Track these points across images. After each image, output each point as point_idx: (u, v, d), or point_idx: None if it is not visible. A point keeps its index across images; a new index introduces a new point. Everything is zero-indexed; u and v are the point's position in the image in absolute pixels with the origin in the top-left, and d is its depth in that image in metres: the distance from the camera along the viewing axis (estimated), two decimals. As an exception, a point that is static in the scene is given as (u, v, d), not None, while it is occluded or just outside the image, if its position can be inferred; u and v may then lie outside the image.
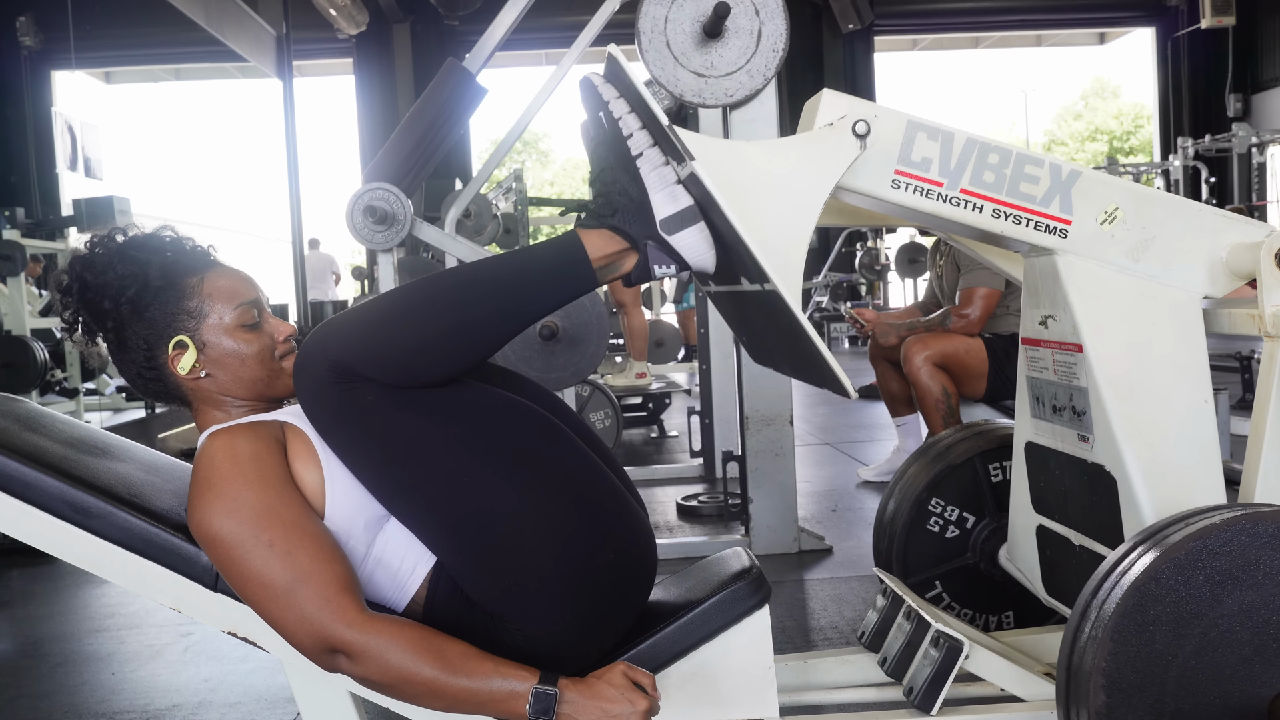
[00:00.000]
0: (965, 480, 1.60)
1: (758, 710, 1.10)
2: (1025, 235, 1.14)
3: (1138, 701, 0.91)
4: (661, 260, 1.01)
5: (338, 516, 0.99)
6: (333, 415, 0.96)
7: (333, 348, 0.94)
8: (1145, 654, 0.91)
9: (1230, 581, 0.92)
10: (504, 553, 0.97)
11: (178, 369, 1.04)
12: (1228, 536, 0.92)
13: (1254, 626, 0.92)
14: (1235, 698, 0.90)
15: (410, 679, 0.91)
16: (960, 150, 1.12)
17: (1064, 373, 1.23)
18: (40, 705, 1.79)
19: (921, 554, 1.59)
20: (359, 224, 2.35)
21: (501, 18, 2.38)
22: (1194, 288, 1.16)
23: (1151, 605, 0.92)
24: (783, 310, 1.01)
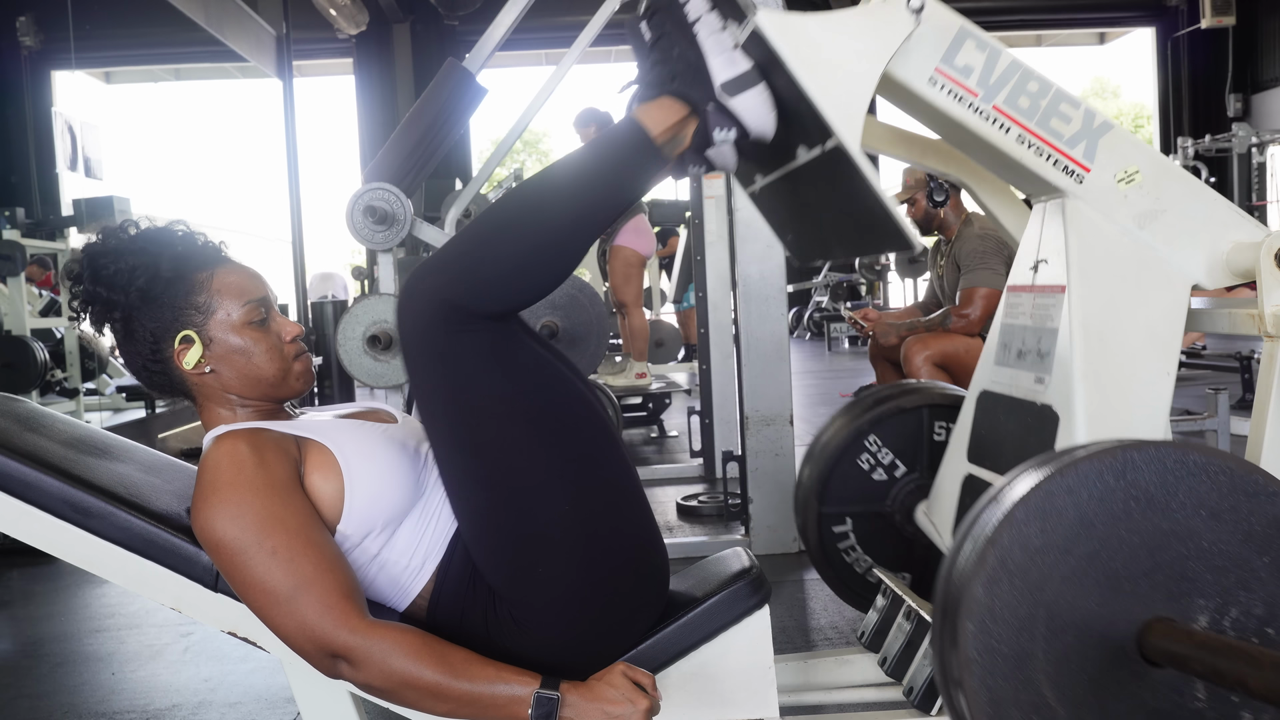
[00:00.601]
0: (909, 428, 1.57)
1: (758, 710, 1.10)
2: (1042, 169, 1.13)
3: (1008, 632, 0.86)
4: (722, 124, 1.01)
5: (354, 522, 0.99)
6: (435, 357, 0.95)
7: (439, 285, 0.94)
8: (1020, 578, 0.86)
9: (1106, 512, 0.88)
10: (534, 543, 0.98)
11: (183, 364, 1.03)
12: (1118, 463, 0.88)
13: (1128, 554, 0.88)
14: (1106, 625, 0.86)
15: (412, 684, 0.91)
16: (1003, 68, 1.12)
17: (1040, 315, 1.22)
18: (40, 705, 1.79)
19: (844, 486, 1.57)
20: (359, 224, 2.35)
21: (501, 18, 2.38)
22: (1189, 272, 1.15)
23: (1026, 528, 0.87)
24: (843, 169, 1.00)
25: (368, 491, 0.99)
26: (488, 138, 16.47)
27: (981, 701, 0.84)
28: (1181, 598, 0.86)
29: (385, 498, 1.00)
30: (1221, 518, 0.87)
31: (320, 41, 9.61)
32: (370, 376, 2.40)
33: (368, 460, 1.00)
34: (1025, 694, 0.84)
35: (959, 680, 0.85)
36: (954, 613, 0.86)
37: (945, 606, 0.89)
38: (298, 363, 1.08)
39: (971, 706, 0.84)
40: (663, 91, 1.02)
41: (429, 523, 1.04)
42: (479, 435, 0.97)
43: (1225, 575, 0.87)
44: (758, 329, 2.52)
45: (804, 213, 1.23)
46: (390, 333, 2.37)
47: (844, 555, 1.59)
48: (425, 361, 0.96)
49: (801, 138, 1.05)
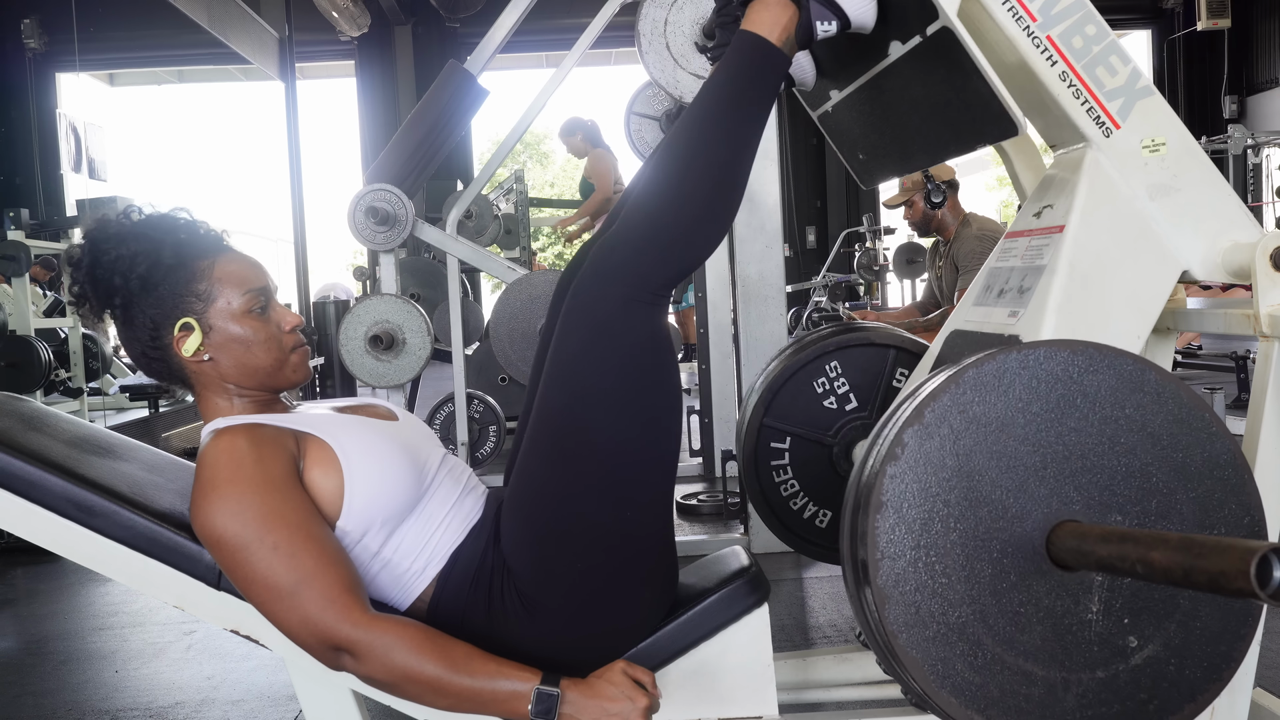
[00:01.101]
0: (873, 364, 1.51)
1: (757, 708, 1.10)
2: (1075, 112, 1.14)
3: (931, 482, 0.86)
4: (824, 15, 1.05)
5: (354, 518, 0.99)
6: (599, 328, 0.98)
7: (628, 257, 0.98)
8: (949, 443, 0.86)
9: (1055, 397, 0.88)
10: (578, 536, 1.01)
11: (182, 351, 1.03)
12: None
13: (1061, 451, 0.87)
14: (1020, 513, 0.86)
15: (414, 677, 0.91)
16: (1067, 3, 1.13)
17: (1031, 255, 1.22)
18: (44, 703, 1.80)
19: (791, 403, 1.51)
20: (361, 224, 2.36)
21: (502, 20, 2.39)
22: (1183, 258, 1.16)
23: (971, 393, 0.87)
24: (942, 57, 1.02)
25: (367, 487, 1.00)
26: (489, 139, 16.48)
27: (882, 548, 0.85)
28: (1100, 510, 0.87)
29: (385, 494, 1.01)
30: (1160, 443, 0.88)
31: (322, 44, 9.61)
32: (372, 376, 2.41)
33: (367, 456, 1.01)
34: (928, 557, 0.85)
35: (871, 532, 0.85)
36: (869, 491, 0.87)
37: (859, 495, 0.89)
38: (296, 354, 1.08)
39: (873, 554, 0.85)
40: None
41: (433, 530, 1.04)
42: (591, 414, 1.00)
43: (1148, 500, 0.88)
44: (757, 329, 2.52)
45: (885, 121, 1.23)
46: (392, 332, 2.37)
47: (774, 474, 1.54)
48: (589, 332, 0.99)
49: (898, 30, 1.07)
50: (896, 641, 0.85)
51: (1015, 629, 0.86)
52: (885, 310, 5.97)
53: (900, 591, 0.85)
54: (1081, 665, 0.87)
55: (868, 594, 0.88)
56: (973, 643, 0.86)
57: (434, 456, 1.09)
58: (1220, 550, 0.65)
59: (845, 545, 0.95)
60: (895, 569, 0.85)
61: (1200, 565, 0.66)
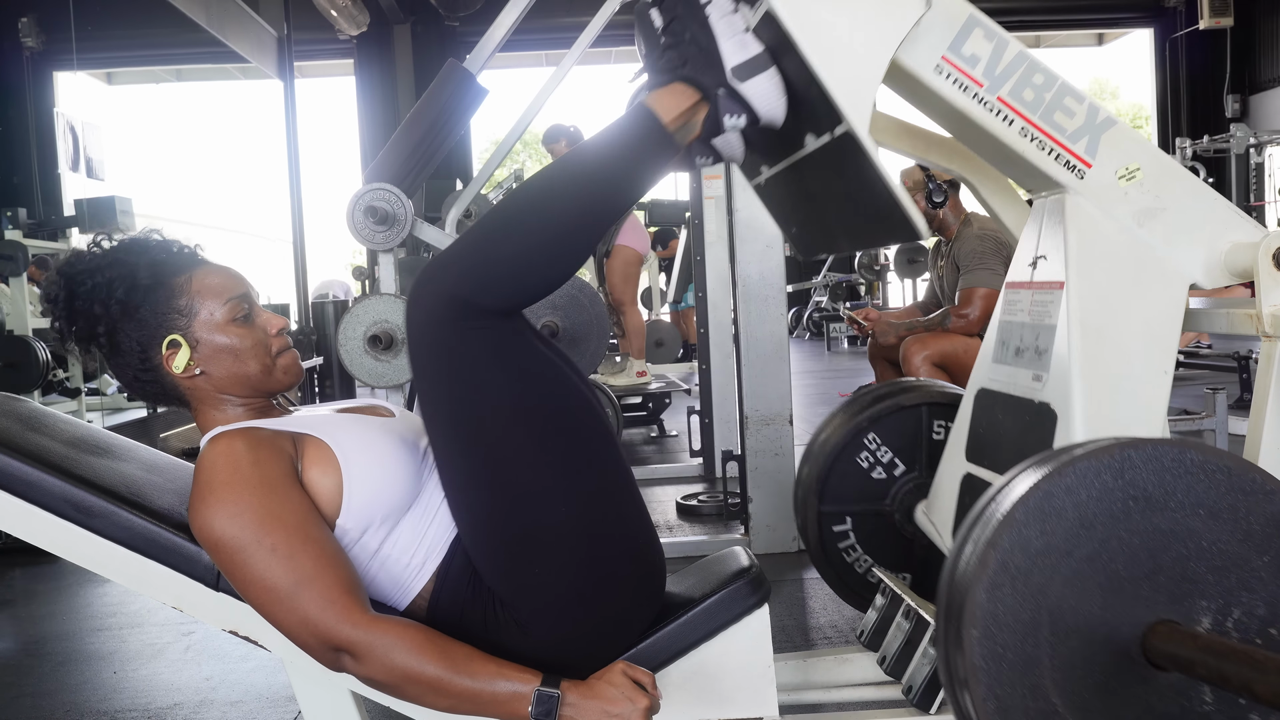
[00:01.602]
0: (908, 426, 1.56)
1: (757, 709, 1.10)
2: (1043, 163, 1.13)
3: (1011, 631, 0.85)
4: (733, 110, 1.01)
5: (354, 516, 0.99)
6: (442, 353, 0.95)
7: (449, 281, 0.94)
8: (1022, 582, 0.86)
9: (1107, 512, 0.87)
10: (533, 543, 0.98)
11: (172, 368, 1.04)
12: (1116, 461, 0.87)
13: (1129, 555, 0.87)
14: (1110, 629, 0.86)
15: (414, 678, 0.91)
16: (1010, 60, 1.11)
17: (1038, 312, 1.22)
18: (42, 704, 1.80)
19: (843, 485, 1.56)
20: (360, 224, 2.35)
21: (502, 19, 2.38)
22: (1187, 271, 1.16)
23: (1031, 527, 0.86)
24: (851, 157, 1.00)
25: (366, 485, 0.99)
26: (488, 138, 16.48)
27: (989, 709, 0.83)
28: (1184, 599, 0.86)
29: (384, 491, 1.00)
30: (1220, 517, 0.87)
31: (321, 42, 9.61)
32: (371, 376, 2.40)
33: (366, 454, 1.01)
34: (1032, 700, 0.84)
35: (966, 684, 0.84)
36: (958, 619, 0.86)
37: (949, 612, 0.88)
38: (285, 356, 1.08)
39: (979, 713, 0.83)
40: (674, 78, 1.01)
41: (430, 522, 1.04)
42: (483, 436, 0.97)
43: (1226, 576, 0.86)
44: (757, 329, 2.52)
45: (810, 204, 1.23)
46: (391, 332, 2.37)
47: (844, 555, 1.59)
48: (433, 359, 0.96)
49: (810, 125, 1.06)
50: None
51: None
52: (886, 310, 5.98)
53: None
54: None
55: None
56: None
57: (426, 444, 1.08)
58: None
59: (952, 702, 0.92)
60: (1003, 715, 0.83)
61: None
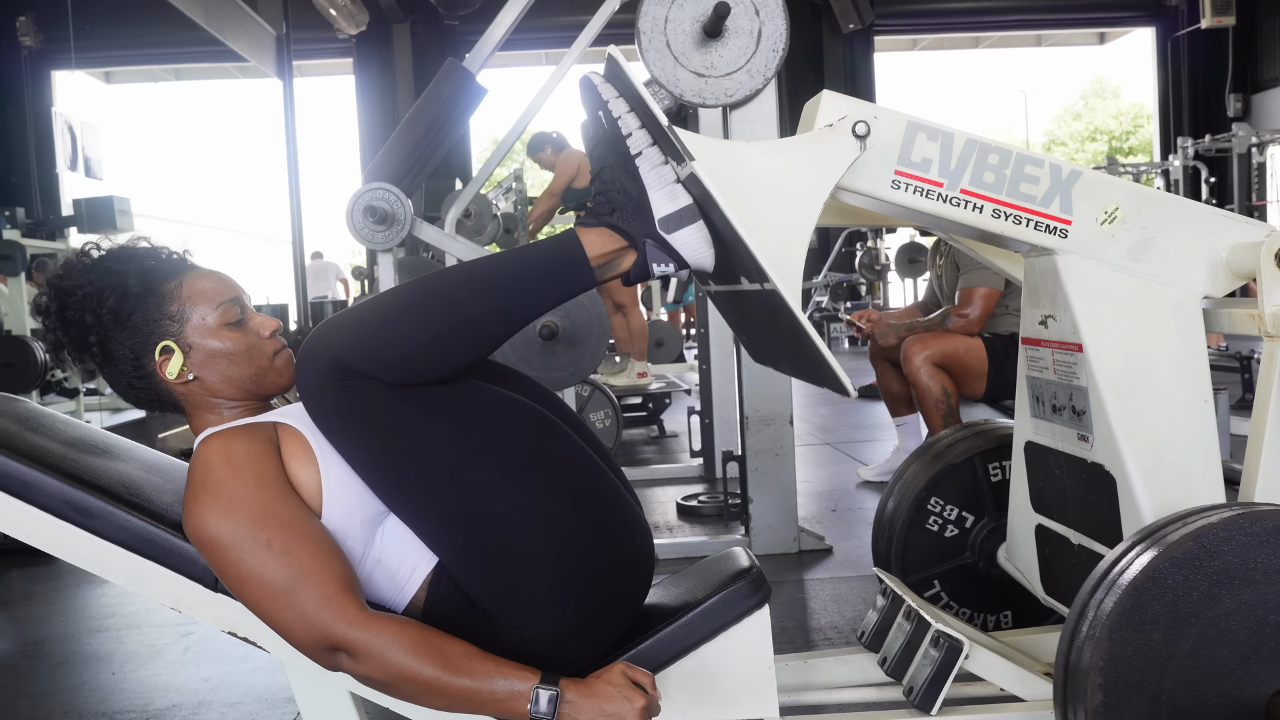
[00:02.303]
0: (964, 479, 1.60)
1: (758, 710, 1.10)
2: (1025, 235, 1.14)
3: (1135, 701, 0.91)
4: (660, 259, 1.01)
5: (335, 515, 0.99)
6: (334, 412, 0.96)
7: (333, 345, 0.95)
8: (1142, 653, 0.91)
9: (1228, 580, 0.93)
10: (503, 553, 0.97)
11: (166, 374, 1.03)
12: (1225, 535, 0.92)
13: (1251, 625, 0.92)
14: (1233, 697, 0.90)
15: (411, 677, 0.91)
16: (960, 150, 1.12)
17: (1064, 372, 1.23)
18: (40, 705, 1.79)
19: (921, 553, 1.60)
20: (359, 224, 2.35)
21: (501, 18, 2.38)
22: (1194, 287, 1.16)
23: (1149, 604, 0.92)
24: (782, 310, 1.01)
25: (345, 478, 0.99)
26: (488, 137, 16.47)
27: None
28: None
29: (364, 490, 1.00)
30: None
31: (320, 41, 9.61)
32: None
33: None
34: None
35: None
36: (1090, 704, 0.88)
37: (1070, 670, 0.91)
38: (279, 358, 1.08)
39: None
40: (601, 222, 1.02)
41: None
42: (413, 472, 0.96)
43: None
44: (757, 329, 2.51)
45: (752, 327, 1.24)
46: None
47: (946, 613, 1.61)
48: (332, 421, 0.96)
49: (743, 270, 1.06)
50: None
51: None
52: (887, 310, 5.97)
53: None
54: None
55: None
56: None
57: None
58: None
59: None
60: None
61: None
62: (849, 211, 1.43)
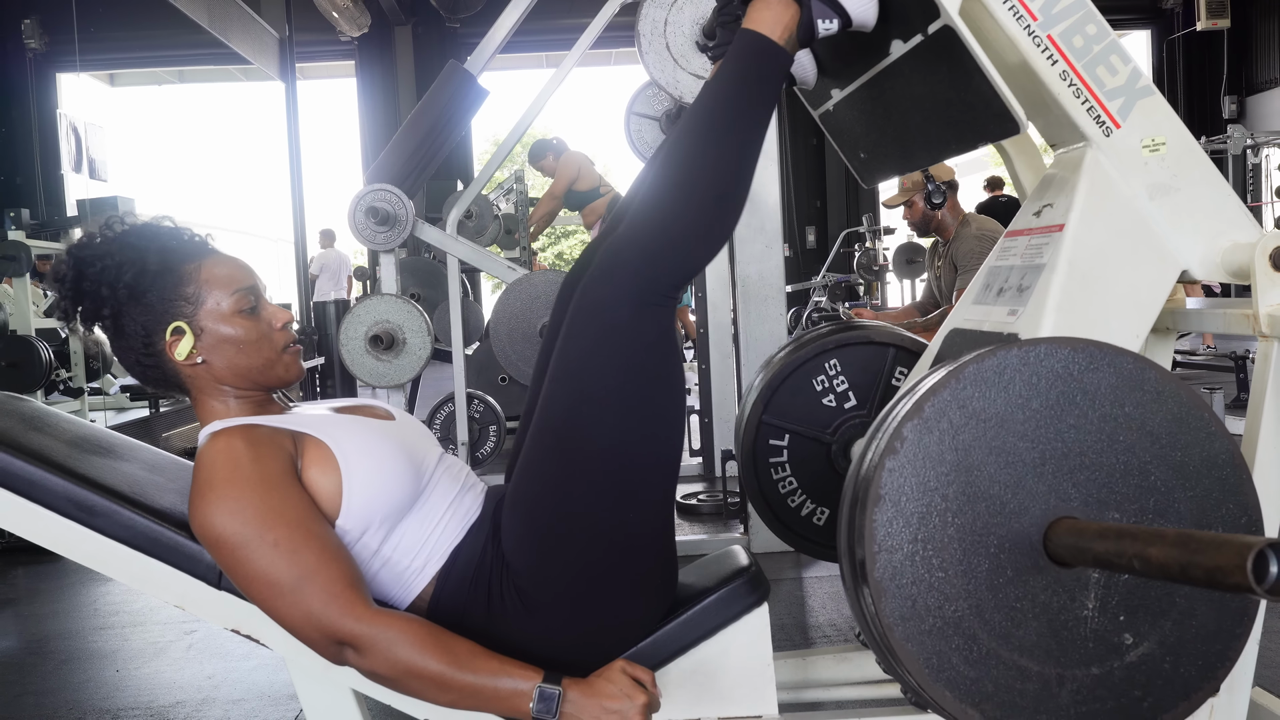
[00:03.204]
0: (872, 362, 1.51)
1: (757, 707, 1.11)
2: (1075, 111, 1.14)
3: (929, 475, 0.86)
4: (825, 14, 1.05)
5: (353, 517, 1.00)
6: (608, 327, 0.99)
7: (638, 260, 0.98)
8: (948, 438, 0.86)
9: (1056, 393, 0.88)
10: (580, 529, 1.01)
11: (175, 355, 1.03)
12: (1075, 355, 0.88)
13: (1061, 448, 0.87)
14: (1018, 509, 0.86)
15: (416, 673, 0.92)
16: (1068, 3, 1.13)
17: (1030, 254, 1.22)
18: (45, 702, 1.80)
19: (792, 401, 1.50)
20: (361, 224, 2.36)
21: (502, 20, 2.39)
22: (1182, 258, 1.16)
23: (971, 389, 0.87)
24: (943, 55, 1.02)
25: (366, 487, 1.00)
26: (489, 139, 16.48)
27: (879, 541, 0.85)
28: (1098, 507, 0.87)
29: (383, 493, 1.01)
30: (1159, 441, 0.88)
31: (322, 44, 9.62)
32: (372, 376, 2.41)
33: (365, 455, 1.01)
34: (925, 551, 0.86)
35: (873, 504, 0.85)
36: (878, 458, 0.87)
37: (871, 436, 0.90)
38: (288, 352, 1.08)
39: (870, 539, 0.85)
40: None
41: (432, 528, 1.04)
42: (594, 410, 1.00)
43: (1146, 498, 0.88)
44: (757, 329, 2.52)
45: (886, 120, 1.24)
46: (393, 332, 2.37)
47: (772, 471, 1.54)
48: (596, 330, 0.99)
49: (898, 29, 1.08)
50: (892, 635, 0.86)
51: (1011, 624, 0.86)
52: (885, 310, 5.98)
53: (897, 585, 0.86)
54: (1077, 662, 0.87)
55: (865, 589, 0.88)
56: (968, 637, 0.86)
57: (431, 455, 1.09)
58: (1217, 545, 0.65)
59: (843, 541, 0.95)
60: (892, 562, 0.86)
61: (1197, 560, 0.66)
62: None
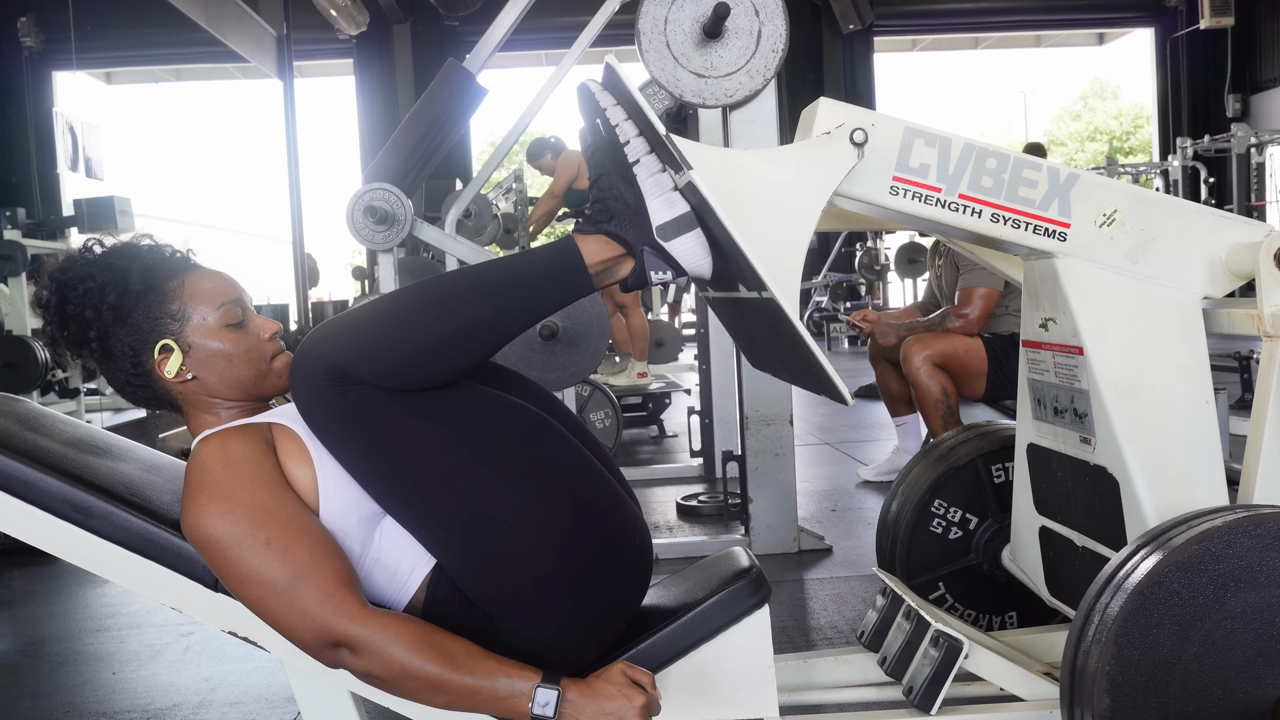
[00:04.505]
0: (968, 481, 1.61)
1: (757, 710, 1.10)
2: (1024, 239, 1.15)
3: (1142, 705, 0.91)
4: (658, 266, 1.02)
5: (332, 514, 0.99)
6: (329, 417, 0.96)
7: (328, 351, 0.94)
8: (1149, 657, 0.91)
9: (1232, 584, 0.93)
10: (503, 556, 0.98)
11: (164, 373, 1.03)
12: (1229, 539, 0.92)
13: (1257, 628, 0.92)
14: (1239, 700, 0.90)
15: (413, 674, 0.91)
16: (958, 155, 1.12)
17: (1065, 375, 1.23)
18: (41, 705, 1.79)
19: (925, 555, 1.60)
20: (359, 224, 2.35)
21: (502, 18, 2.38)
22: (1194, 288, 1.16)
23: (1155, 608, 0.92)
24: (780, 317, 1.01)
25: (340, 477, 0.99)
26: (487, 138, 16.47)
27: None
28: None
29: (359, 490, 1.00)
30: None
31: (321, 42, 9.61)
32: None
33: None
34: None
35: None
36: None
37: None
38: (278, 360, 1.08)
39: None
40: (599, 230, 1.02)
41: None
42: (409, 479, 0.97)
43: None
44: (758, 329, 2.51)
45: (751, 335, 1.24)
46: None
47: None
48: (328, 427, 0.96)
49: (740, 278, 1.06)
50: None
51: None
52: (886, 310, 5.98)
53: None
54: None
55: None
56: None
57: None
58: None
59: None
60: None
61: None
62: (846, 216, 1.43)
